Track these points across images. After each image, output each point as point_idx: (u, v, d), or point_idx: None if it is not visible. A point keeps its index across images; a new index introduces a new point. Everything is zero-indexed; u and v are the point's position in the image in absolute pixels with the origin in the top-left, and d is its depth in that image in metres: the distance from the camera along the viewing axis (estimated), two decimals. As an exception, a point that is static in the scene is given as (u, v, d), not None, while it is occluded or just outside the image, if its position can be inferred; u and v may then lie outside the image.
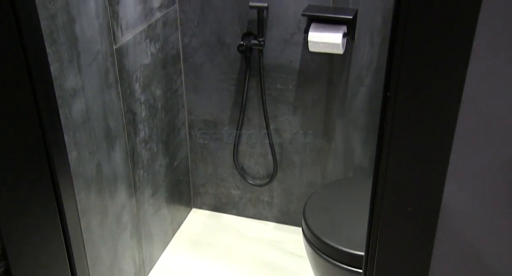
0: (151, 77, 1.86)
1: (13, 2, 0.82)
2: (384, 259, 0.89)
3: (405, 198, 0.82)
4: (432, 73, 0.73)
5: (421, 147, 0.78)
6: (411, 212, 0.82)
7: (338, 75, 1.94)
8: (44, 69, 0.99)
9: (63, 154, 1.10)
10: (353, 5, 1.80)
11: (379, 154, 0.81)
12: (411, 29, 0.71)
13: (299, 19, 1.88)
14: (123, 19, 1.63)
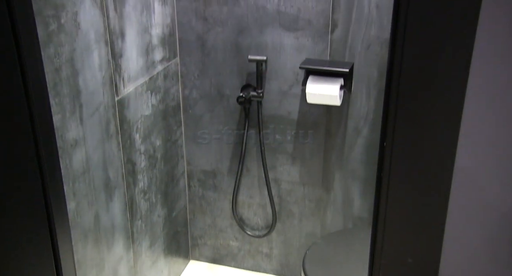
0: (151, 127, 1.88)
1: (20, 56, 0.85)
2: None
3: (404, 249, 0.81)
4: (426, 124, 0.75)
5: (419, 197, 0.78)
6: (411, 263, 0.82)
7: (336, 126, 1.97)
8: (47, 120, 1.01)
9: (62, 206, 1.10)
10: (349, 59, 1.85)
11: (377, 205, 0.81)
12: (404, 84, 0.73)
13: (297, 71, 1.92)
14: (126, 72, 1.67)
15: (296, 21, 1.85)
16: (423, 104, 0.75)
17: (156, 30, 1.83)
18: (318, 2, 1.79)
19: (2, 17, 0.81)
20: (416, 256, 0.81)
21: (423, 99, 0.75)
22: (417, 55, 0.75)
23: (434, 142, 0.76)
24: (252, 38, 1.92)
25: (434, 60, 0.74)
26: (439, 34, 0.75)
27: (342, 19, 1.80)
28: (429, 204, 0.78)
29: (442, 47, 0.74)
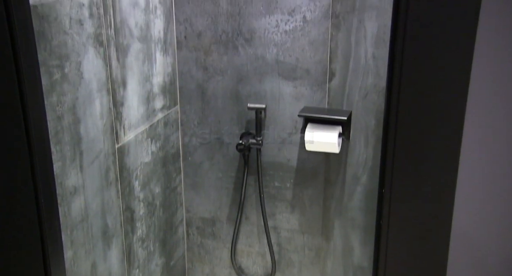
0: (150, 175, 1.88)
1: (24, 105, 0.86)
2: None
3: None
4: (424, 172, 0.75)
5: (419, 246, 0.78)
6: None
7: (334, 174, 1.97)
8: (47, 168, 1.02)
9: (59, 255, 1.09)
10: (347, 107, 1.88)
11: (377, 254, 0.81)
12: (401, 132, 0.75)
13: (295, 119, 1.95)
14: (126, 120, 1.69)
15: (294, 70, 1.89)
16: (420, 152, 0.76)
17: (157, 79, 1.87)
18: (316, 52, 1.84)
19: (8, 68, 0.83)
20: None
21: (420, 147, 0.76)
22: (413, 104, 0.77)
23: (432, 190, 0.76)
24: (252, 86, 1.96)
25: (429, 109, 0.76)
26: (433, 84, 0.77)
27: (340, 69, 1.84)
28: (429, 253, 0.78)
29: (436, 97, 0.75)
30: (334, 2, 1.77)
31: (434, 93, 0.77)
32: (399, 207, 0.77)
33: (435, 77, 0.78)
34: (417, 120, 0.77)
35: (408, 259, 0.78)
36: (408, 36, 0.82)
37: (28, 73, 0.86)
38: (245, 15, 1.87)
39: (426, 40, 0.81)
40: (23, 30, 0.88)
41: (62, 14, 1.32)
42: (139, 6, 1.69)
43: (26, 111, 0.87)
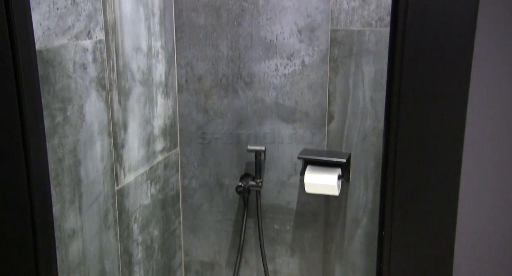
0: (149, 217, 1.87)
1: (26, 149, 0.87)
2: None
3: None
4: (423, 216, 0.75)
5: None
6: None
7: (334, 217, 1.96)
8: (46, 211, 1.02)
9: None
10: (346, 149, 1.89)
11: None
12: (399, 176, 0.75)
13: (295, 161, 1.95)
14: (127, 162, 1.69)
15: (293, 113, 1.91)
16: (419, 194, 0.77)
17: (158, 122, 1.89)
18: (314, 95, 1.87)
19: (12, 112, 0.85)
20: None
21: (419, 190, 0.76)
22: (410, 147, 0.78)
23: (432, 232, 0.76)
24: (251, 129, 1.98)
25: (427, 151, 0.77)
26: (430, 127, 0.78)
27: (338, 111, 1.86)
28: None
29: (433, 139, 0.76)
30: (332, 47, 1.81)
31: (431, 135, 0.79)
32: (400, 250, 0.77)
33: (432, 120, 0.80)
34: (415, 163, 0.77)
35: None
36: (404, 80, 0.84)
37: (31, 117, 0.88)
38: (245, 60, 1.91)
39: (422, 84, 0.83)
40: (28, 75, 0.90)
41: (67, 58, 1.35)
42: (141, 50, 1.73)
43: (28, 155, 0.88)
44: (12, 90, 0.87)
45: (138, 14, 1.68)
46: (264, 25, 1.86)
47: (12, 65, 0.87)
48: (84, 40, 1.42)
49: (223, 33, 1.91)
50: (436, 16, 0.83)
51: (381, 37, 1.75)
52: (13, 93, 0.87)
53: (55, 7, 1.29)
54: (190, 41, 1.95)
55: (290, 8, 1.82)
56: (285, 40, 1.85)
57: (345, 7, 1.76)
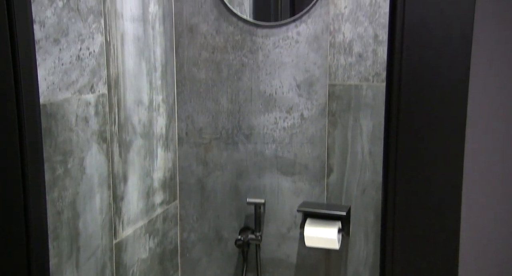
0: (147, 272, 1.84)
1: (26, 204, 0.88)
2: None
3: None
4: (424, 272, 0.75)
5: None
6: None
7: (335, 271, 1.93)
8: (44, 267, 1.01)
9: None
10: (346, 202, 1.89)
11: None
12: (399, 232, 0.75)
13: (295, 214, 1.94)
14: (126, 215, 1.69)
15: (293, 165, 1.92)
16: (419, 251, 0.76)
17: (158, 174, 1.90)
18: (313, 148, 1.88)
19: (14, 165, 0.86)
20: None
21: (418, 246, 0.76)
22: (409, 202, 0.78)
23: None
24: (251, 181, 1.98)
25: (426, 207, 0.77)
26: (428, 182, 0.79)
27: (337, 164, 1.87)
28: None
29: (432, 195, 0.77)
30: (330, 101, 1.84)
31: (430, 190, 0.79)
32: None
33: (430, 174, 0.81)
34: (414, 218, 0.78)
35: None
36: (401, 134, 0.85)
37: (32, 171, 0.89)
38: (244, 113, 1.94)
39: (419, 138, 0.84)
40: (32, 130, 0.92)
41: (69, 112, 1.38)
42: (143, 104, 1.76)
43: (27, 209, 0.88)
44: (15, 144, 0.89)
45: (140, 68, 1.73)
46: (264, 79, 1.90)
47: (16, 120, 0.89)
48: (87, 94, 1.45)
49: (223, 87, 1.95)
50: (431, 73, 0.85)
51: (378, 91, 1.78)
52: (16, 147, 0.89)
53: (60, 62, 1.33)
54: (191, 94, 1.99)
55: (289, 63, 1.87)
56: (284, 94, 1.89)
57: (342, 62, 1.81)
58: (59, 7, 1.31)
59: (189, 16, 1.94)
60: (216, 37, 1.93)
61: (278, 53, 1.87)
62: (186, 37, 1.96)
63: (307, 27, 1.83)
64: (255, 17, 1.88)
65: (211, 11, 1.92)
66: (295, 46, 1.85)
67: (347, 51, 1.80)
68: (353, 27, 1.78)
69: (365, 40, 1.77)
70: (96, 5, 1.46)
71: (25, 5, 0.94)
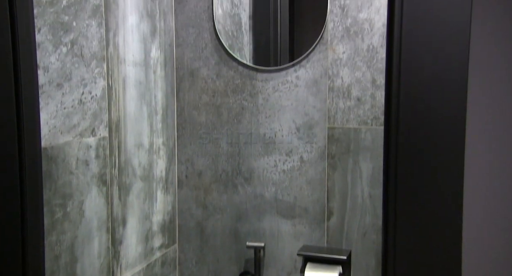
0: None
1: (24, 248, 0.87)
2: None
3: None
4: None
5: None
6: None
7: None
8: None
9: None
10: (347, 246, 1.87)
11: None
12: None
13: (295, 258, 1.92)
14: (124, 259, 1.67)
15: (293, 208, 1.91)
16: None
17: (157, 217, 1.88)
18: (313, 190, 1.88)
19: (13, 210, 0.86)
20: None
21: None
22: (410, 246, 0.78)
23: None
24: (250, 224, 1.97)
25: (426, 251, 0.77)
26: (428, 227, 0.79)
27: (337, 207, 1.86)
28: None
29: (432, 240, 0.77)
30: (329, 144, 1.85)
31: (430, 235, 0.79)
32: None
33: (430, 219, 0.80)
34: (416, 263, 0.77)
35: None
36: (400, 179, 0.86)
37: (32, 215, 0.89)
38: (244, 156, 1.95)
39: (417, 182, 0.84)
40: (32, 173, 0.93)
41: (70, 155, 1.38)
42: (143, 147, 1.77)
43: (25, 253, 0.88)
44: (16, 187, 0.89)
45: (141, 112, 1.75)
46: (263, 122, 1.92)
47: (17, 164, 0.90)
48: (88, 138, 1.46)
49: (223, 130, 1.97)
50: (428, 117, 0.87)
51: (377, 135, 1.80)
52: (16, 190, 0.89)
53: (62, 106, 1.35)
54: (191, 137, 2.01)
55: (288, 107, 1.89)
56: (284, 137, 1.90)
57: (341, 106, 1.83)
58: (63, 53, 1.34)
59: (190, 61, 1.98)
60: (216, 81, 1.96)
61: (277, 97, 1.90)
62: (187, 81, 1.99)
63: (306, 72, 1.86)
64: (255, 62, 1.91)
65: (212, 56, 1.96)
66: (294, 90, 1.88)
67: (345, 95, 1.82)
68: (351, 71, 1.81)
69: (363, 84, 1.80)
70: (99, 51, 1.49)
71: (30, 52, 0.97)
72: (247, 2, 1.91)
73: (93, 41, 1.46)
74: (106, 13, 1.52)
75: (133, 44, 1.68)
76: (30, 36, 0.95)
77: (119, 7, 1.59)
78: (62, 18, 1.33)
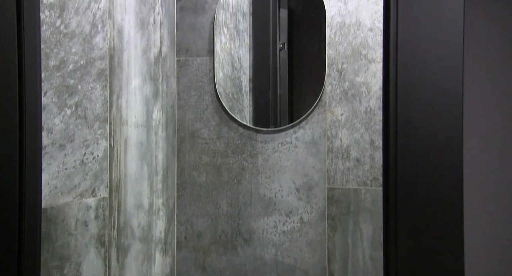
0: None
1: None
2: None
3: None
4: None
5: None
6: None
7: None
8: None
9: None
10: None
11: None
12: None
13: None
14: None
15: (293, 271, 1.88)
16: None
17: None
18: (314, 252, 1.86)
19: (10, 273, 0.85)
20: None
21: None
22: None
23: None
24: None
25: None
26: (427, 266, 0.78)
27: (338, 270, 1.83)
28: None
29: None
30: (329, 205, 1.85)
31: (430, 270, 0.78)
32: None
33: (429, 260, 0.80)
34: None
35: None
36: (400, 242, 0.85)
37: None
38: (244, 216, 1.94)
39: (418, 245, 0.84)
40: (31, 235, 0.92)
41: (69, 216, 1.38)
42: (143, 207, 1.76)
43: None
44: (14, 249, 0.88)
45: (142, 172, 1.76)
46: (263, 183, 1.93)
47: (17, 225, 0.90)
48: (88, 198, 1.46)
49: (223, 190, 1.97)
50: (426, 178, 0.88)
51: (377, 196, 1.80)
52: (14, 252, 0.88)
53: (64, 167, 1.36)
54: (190, 198, 2.00)
55: (288, 167, 1.90)
56: (284, 197, 1.90)
57: (340, 167, 1.84)
58: (67, 115, 1.37)
59: (191, 122, 2.02)
60: (217, 142, 1.99)
61: (277, 157, 1.92)
62: (188, 142, 2.02)
63: (305, 133, 1.89)
64: (255, 123, 1.95)
65: (213, 118, 1.99)
66: (294, 150, 1.90)
67: (344, 156, 1.84)
68: (350, 133, 1.84)
69: (362, 145, 1.82)
70: (102, 113, 1.53)
71: (36, 115, 0.99)
72: (247, 65, 1.97)
73: (97, 103, 1.50)
74: (111, 77, 1.57)
75: (136, 106, 1.72)
76: (36, 100, 0.98)
77: (123, 70, 1.64)
78: (67, 81, 1.37)
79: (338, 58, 1.85)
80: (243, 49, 1.96)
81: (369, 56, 1.83)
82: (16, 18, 0.96)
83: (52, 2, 1.29)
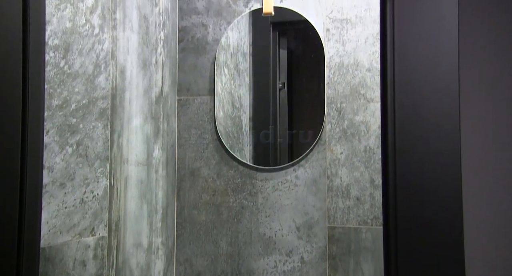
0: None
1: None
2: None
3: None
4: None
5: None
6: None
7: None
8: None
9: None
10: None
11: None
12: None
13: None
14: None
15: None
16: None
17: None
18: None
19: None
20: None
21: None
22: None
23: None
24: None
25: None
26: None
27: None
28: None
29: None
30: (330, 244, 1.84)
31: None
32: None
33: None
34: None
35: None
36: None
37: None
38: (244, 256, 1.92)
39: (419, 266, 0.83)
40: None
41: (68, 255, 1.37)
42: (142, 247, 1.75)
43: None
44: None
45: (141, 211, 1.75)
46: (263, 222, 1.92)
47: (15, 265, 0.89)
48: (87, 237, 1.45)
49: (223, 229, 1.96)
50: (427, 218, 0.88)
51: (378, 235, 1.79)
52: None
53: (63, 206, 1.36)
54: (190, 237, 1.99)
55: (288, 206, 1.90)
56: (284, 236, 1.89)
57: (340, 205, 1.84)
58: (69, 153, 1.38)
59: (191, 161, 2.02)
60: (217, 180, 1.99)
61: (277, 196, 1.91)
62: (188, 180, 2.02)
63: (305, 171, 1.89)
64: (255, 162, 1.95)
65: (213, 156, 2.00)
66: (294, 189, 1.90)
67: (345, 195, 1.84)
68: (350, 171, 1.84)
69: (361, 184, 1.82)
70: (103, 151, 1.54)
71: (37, 154, 1.00)
72: (247, 104, 2.00)
73: (98, 142, 1.51)
74: (112, 116, 1.59)
75: (137, 144, 1.73)
76: (38, 139, 0.99)
77: (124, 109, 1.66)
78: (69, 120, 1.38)
79: (337, 97, 1.88)
80: (243, 89, 1.99)
81: (367, 96, 1.85)
82: (22, 58, 0.98)
83: (57, 44, 1.33)
